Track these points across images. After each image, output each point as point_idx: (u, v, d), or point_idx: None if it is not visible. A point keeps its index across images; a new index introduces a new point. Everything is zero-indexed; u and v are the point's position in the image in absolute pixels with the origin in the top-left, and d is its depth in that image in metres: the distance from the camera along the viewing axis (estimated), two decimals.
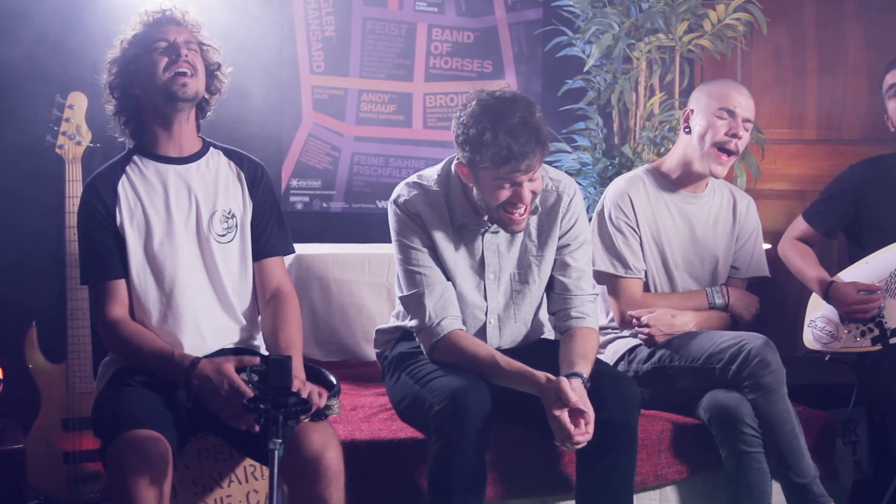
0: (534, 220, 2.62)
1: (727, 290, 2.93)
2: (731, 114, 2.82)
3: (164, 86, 2.38)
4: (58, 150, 3.05)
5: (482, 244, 2.60)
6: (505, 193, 2.44)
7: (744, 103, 2.85)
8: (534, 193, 2.47)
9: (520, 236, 2.62)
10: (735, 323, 2.96)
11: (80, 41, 3.35)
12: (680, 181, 2.94)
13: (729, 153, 2.84)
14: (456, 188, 2.56)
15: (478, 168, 2.44)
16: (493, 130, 2.38)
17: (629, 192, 2.90)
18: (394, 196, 2.62)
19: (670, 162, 2.97)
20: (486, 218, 2.57)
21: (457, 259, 2.59)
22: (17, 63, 3.30)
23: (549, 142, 2.44)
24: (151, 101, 2.42)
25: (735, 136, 2.83)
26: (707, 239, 2.95)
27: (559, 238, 2.64)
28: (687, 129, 2.90)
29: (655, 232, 2.91)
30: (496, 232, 2.60)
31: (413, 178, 2.64)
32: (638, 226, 2.89)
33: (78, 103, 3.07)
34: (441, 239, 2.57)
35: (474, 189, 2.50)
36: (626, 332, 2.94)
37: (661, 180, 2.95)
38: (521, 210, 2.47)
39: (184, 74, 2.38)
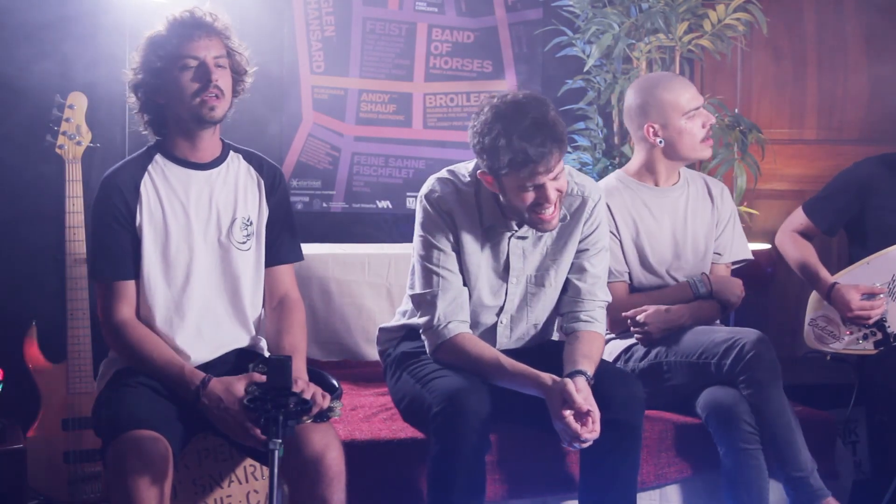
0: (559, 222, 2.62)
1: (708, 277, 2.94)
2: (696, 110, 2.90)
3: (191, 109, 2.35)
4: (58, 150, 3.04)
5: (508, 247, 2.59)
6: (530, 196, 2.42)
7: (693, 92, 2.93)
8: (559, 192, 2.45)
9: (543, 239, 2.61)
10: (724, 309, 2.97)
11: (80, 41, 3.35)
12: (653, 179, 2.98)
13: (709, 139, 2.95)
14: (486, 189, 2.54)
15: (499, 175, 2.43)
16: (507, 136, 2.36)
17: (606, 199, 2.87)
18: (425, 190, 2.59)
19: (638, 167, 2.99)
20: (514, 222, 2.56)
21: (480, 260, 2.58)
22: (18, 63, 3.29)
23: (566, 138, 2.42)
24: (176, 115, 2.39)
25: (711, 124, 2.94)
26: (688, 227, 2.97)
27: (579, 242, 2.63)
28: (661, 143, 2.91)
29: (635, 233, 2.92)
30: (522, 237, 2.59)
31: (445, 173, 2.61)
32: (617, 230, 2.90)
33: (78, 103, 3.06)
34: (468, 239, 2.56)
35: (502, 196, 2.48)
36: (614, 334, 2.95)
37: (635, 181, 2.98)
38: (550, 210, 2.45)
39: (214, 98, 2.34)
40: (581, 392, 2.35)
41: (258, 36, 3.59)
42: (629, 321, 2.84)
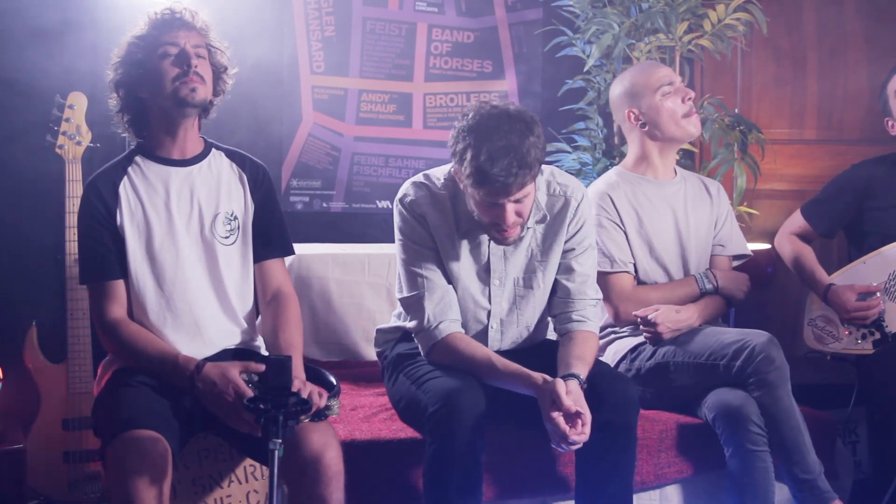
0: (540, 225, 2.61)
1: (714, 274, 2.95)
2: (671, 84, 2.93)
3: (172, 93, 2.36)
4: (58, 150, 3.04)
5: (488, 250, 2.59)
6: (487, 211, 2.42)
7: (666, 71, 2.97)
8: (519, 215, 2.44)
9: (527, 241, 2.61)
10: (729, 304, 2.98)
11: (80, 41, 3.35)
12: (651, 172, 3.00)
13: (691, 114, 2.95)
14: (462, 192, 2.53)
15: (465, 183, 2.43)
16: (476, 149, 2.35)
17: (608, 191, 2.93)
18: (400, 195, 2.60)
19: (634, 160, 3.02)
20: None
21: (461, 263, 2.58)
22: (17, 63, 3.29)
23: (538, 167, 2.41)
24: (158, 106, 2.41)
25: (689, 98, 2.94)
26: (690, 219, 2.99)
27: (565, 242, 2.62)
28: (644, 127, 2.94)
29: (639, 224, 2.93)
30: None
31: (420, 177, 2.61)
32: (621, 221, 2.91)
33: (78, 103, 3.07)
34: (446, 242, 2.56)
35: (467, 199, 2.49)
36: (624, 331, 2.95)
37: (634, 175, 2.99)
38: (509, 230, 2.45)
39: (194, 81, 2.36)
40: (571, 394, 2.35)
41: (258, 36, 3.61)
42: (639, 320, 2.84)
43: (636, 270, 2.93)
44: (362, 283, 3.36)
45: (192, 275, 2.42)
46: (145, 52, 2.38)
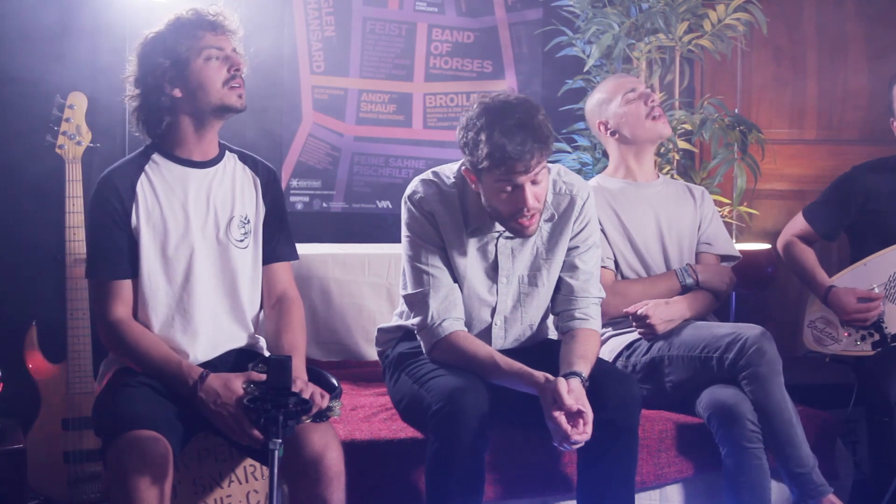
0: (547, 224, 2.62)
1: (693, 268, 2.96)
2: (634, 91, 3.01)
3: (221, 97, 2.36)
4: (58, 150, 3.04)
5: (496, 248, 2.59)
6: (507, 197, 2.42)
7: (629, 80, 3.07)
8: (537, 199, 2.44)
9: (533, 239, 2.61)
10: (717, 298, 2.99)
11: (80, 41, 3.35)
12: (631, 175, 3.06)
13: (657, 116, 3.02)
14: (471, 191, 2.53)
15: (480, 172, 2.43)
16: (489, 130, 2.36)
17: None
18: (408, 192, 2.60)
19: (614, 167, 3.09)
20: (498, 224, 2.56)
21: (468, 261, 2.58)
22: (18, 63, 3.29)
23: (550, 143, 2.42)
24: (195, 107, 2.37)
25: (652, 101, 3.01)
26: (672, 218, 3.02)
27: (570, 240, 2.63)
28: (615, 135, 3.02)
29: (619, 222, 2.96)
30: (510, 237, 2.59)
31: (429, 174, 2.61)
32: (598, 220, 2.90)
33: (78, 103, 3.07)
34: (454, 240, 2.56)
35: (482, 196, 2.48)
36: (608, 328, 2.96)
37: (614, 180, 3.05)
38: (530, 215, 2.45)
39: (240, 87, 2.37)
40: (573, 393, 2.35)
41: (258, 36, 3.60)
42: (631, 317, 2.85)
43: (618, 266, 2.96)
44: (362, 283, 3.36)
45: (205, 277, 2.42)
46: (189, 53, 2.34)
